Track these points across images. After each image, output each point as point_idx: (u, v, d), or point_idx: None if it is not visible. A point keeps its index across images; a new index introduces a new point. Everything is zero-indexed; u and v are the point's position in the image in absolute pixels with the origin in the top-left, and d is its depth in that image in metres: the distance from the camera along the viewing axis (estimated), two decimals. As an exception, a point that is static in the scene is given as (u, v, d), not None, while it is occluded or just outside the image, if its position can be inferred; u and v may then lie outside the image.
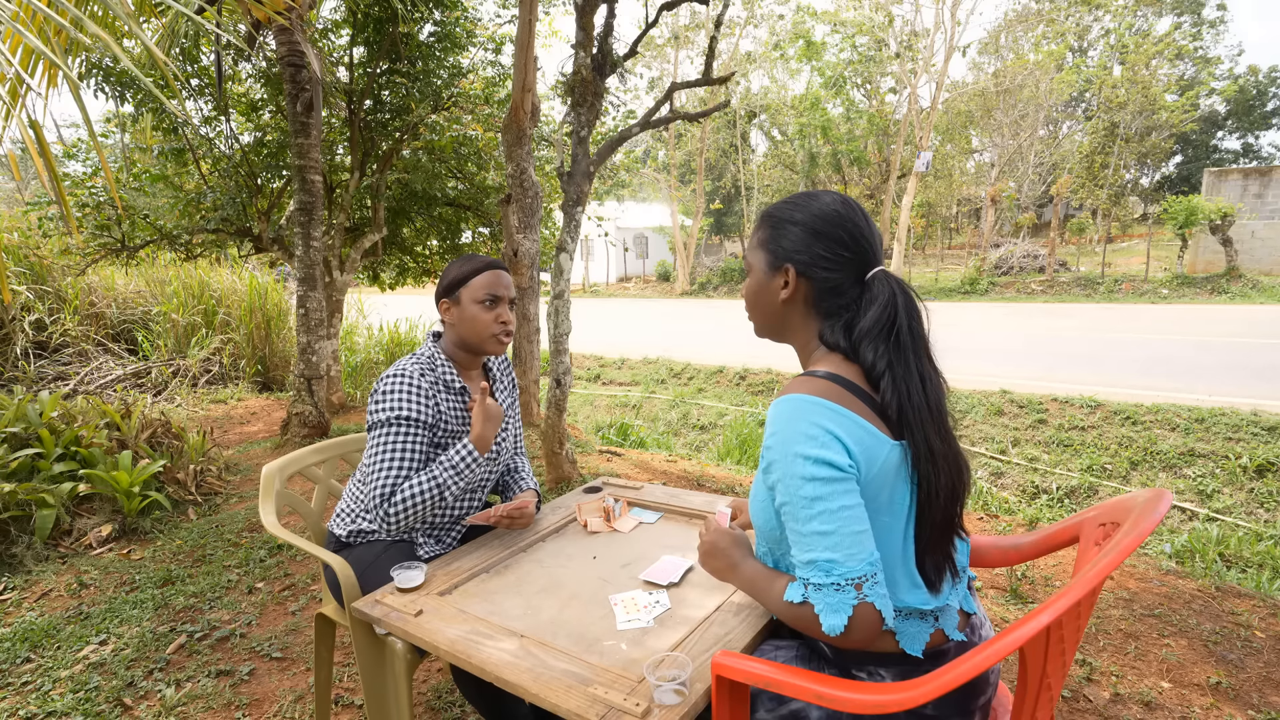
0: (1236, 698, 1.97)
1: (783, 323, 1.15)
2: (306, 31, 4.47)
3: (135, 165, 5.78)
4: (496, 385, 1.77)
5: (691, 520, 1.72)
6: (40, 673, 2.23)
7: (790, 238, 1.10)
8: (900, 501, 1.00)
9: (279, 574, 2.89)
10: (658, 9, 3.98)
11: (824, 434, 0.95)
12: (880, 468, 0.98)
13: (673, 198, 21.90)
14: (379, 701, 1.44)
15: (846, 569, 0.92)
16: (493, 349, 1.64)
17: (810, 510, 0.94)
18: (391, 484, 1.49)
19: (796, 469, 0.96)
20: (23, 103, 2.17)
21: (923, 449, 1.00)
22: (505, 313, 1.63)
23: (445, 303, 1.63)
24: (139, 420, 3.92)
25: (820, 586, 0.94)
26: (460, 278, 1.61)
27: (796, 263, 1.10)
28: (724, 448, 6.06)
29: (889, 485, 0.99)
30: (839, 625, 0.92)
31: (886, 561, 1.00)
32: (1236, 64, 27.33)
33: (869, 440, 0.97)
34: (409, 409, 1.53)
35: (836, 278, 1.09)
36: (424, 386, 1.56)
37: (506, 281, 1.63)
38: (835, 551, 0.93)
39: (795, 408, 0.99)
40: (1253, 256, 14.74)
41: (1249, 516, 4.60)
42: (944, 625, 1.03)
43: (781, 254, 1.11)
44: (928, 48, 17.82)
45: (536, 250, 4.41)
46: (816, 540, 0.94)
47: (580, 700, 1.00)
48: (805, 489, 0.95)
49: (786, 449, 0.97)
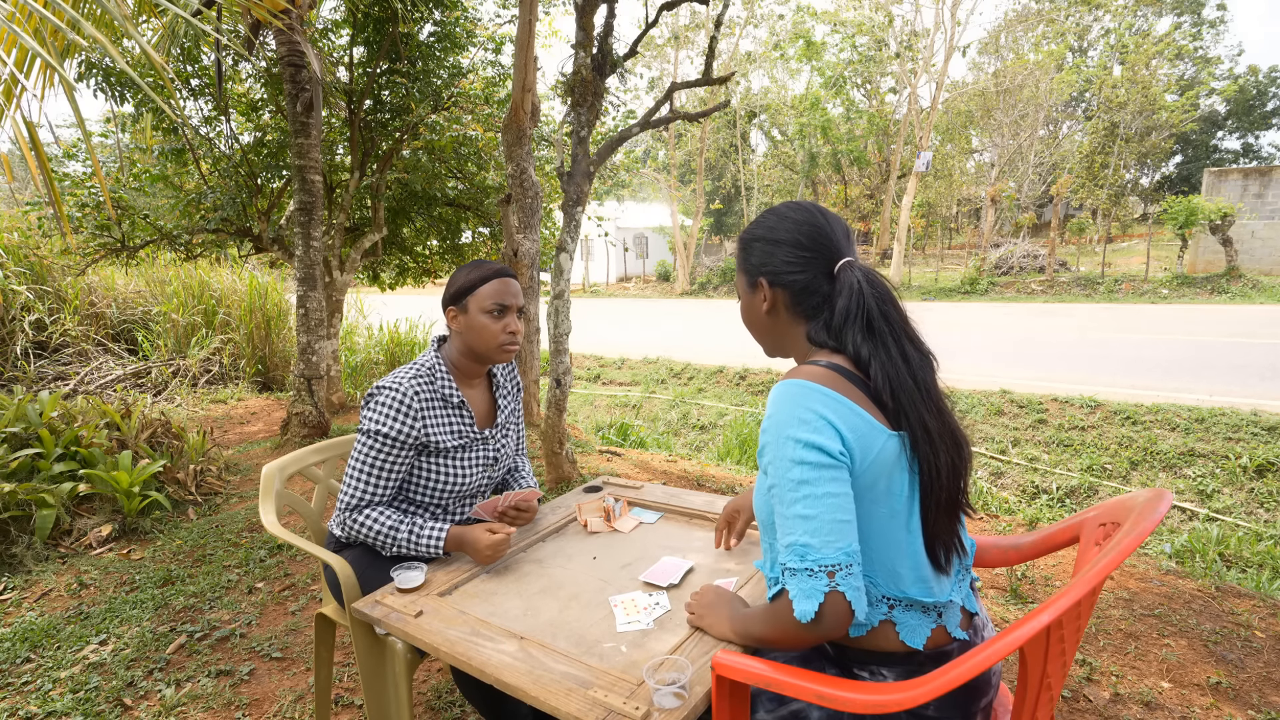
0: (1236, 698, 1.97)
1: (776, 335, 1.19)
2: (306, 31, 4.47)
3: (135, 165, 5.78)
4: (500, 390, 1.75)
5: (692, 520, 1.71)
6: (40, 673, 2.22)
7: (756, 253, 1.16)
8: (899, 492, 1.01)
9: (279, 574, 2.89)
10: (658, 9, 3.98)
11: (818, 419, 0.97)
12: (876, 457, 0.98)
13: (673, 198, 21.89)
14: (379, 701, 1.44)
15: (821, 555, 0.93)
16: (500, 359, 1.62)
17: (796, 493, 0.96)
18: (359, 498, 1.53)
19: (787, 451, 0.97)
20: (18, 103, 2.17)
21: (919, 430, 1.01)
22: (513, 322, 1.60)
23: (452, 310, 1.60)
24: (139, 420, 3.92)
25: (795, 571, 0.95)
26: (468, 285, 1.57)
27: (765, 273, 1.14)
28: (724, 448, 6.06)
29: (886, 474, 0.99)
30: (809, 611, 0.93)
31: (887, 552, 1.01)
32: (1236, 64, 27.34)
33: (865, 429, 0.98)
34: (393, 428, 1.51)
35: (804, 278, 1.11)
36: (415, 406, 1.53)
37: (515, 290, 1.60)
38: (813, 537, 0.94)
39: (792, 392, 1.00)
40: (1253, 256, 14.73)
41: (1249, 516, 4.59)
42: (947, 623, 1.03)
43: (753, 270, 1.16)
44: (928, 48, 17.81)
45: (536, 250, 4.40)
46: (797, 524, 0.95)
47: (580, 703, 1.00)
48: (793, 471, 0.96)
49: (780, 431, 0.99)
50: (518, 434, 1.84)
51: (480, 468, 1.66)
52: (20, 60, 2.47)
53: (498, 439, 1.71)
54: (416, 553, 1.52)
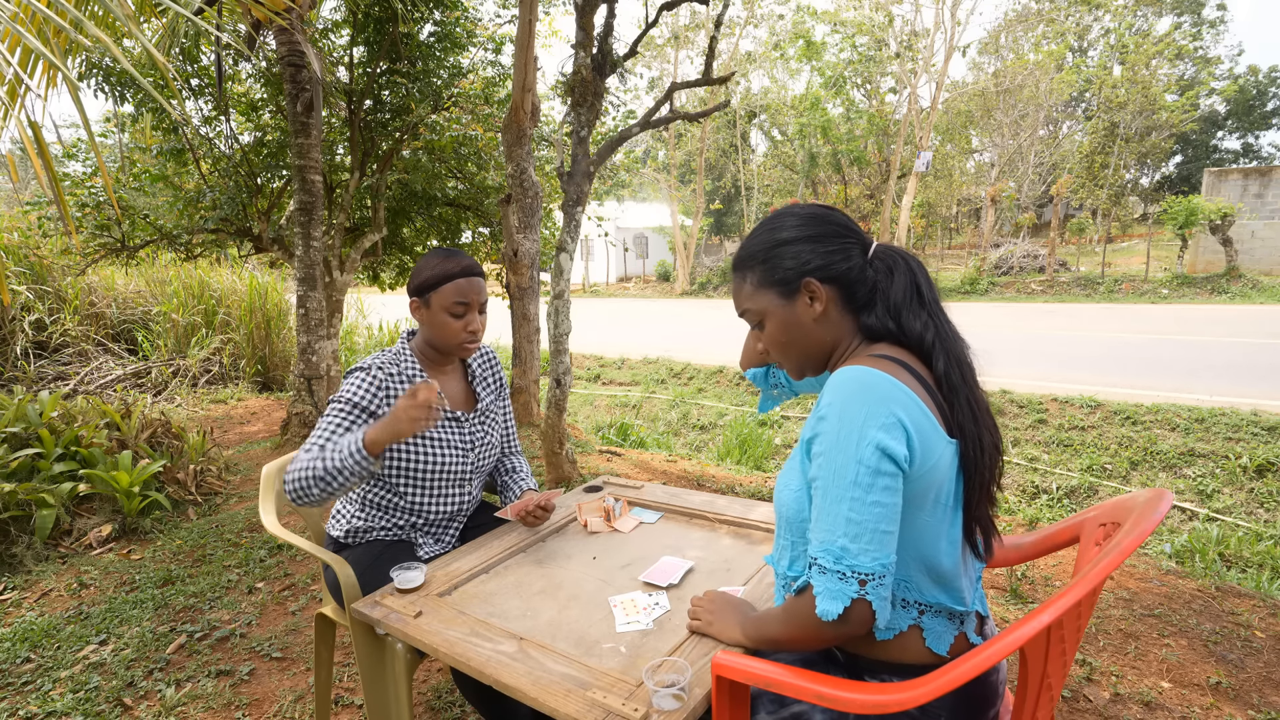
0: (1236, 698, 1.97)
1: (821, 344, 1.08)
2: (306, 31, 4.47)
3: (135, 165, 5.78)
4: (477, 380, 1.76)
5: (692, 520, 1.72)
6: (40, 673, 2.23)
7: (791, 256, 1.06)
8: (945, 501, 0.98)
9: (279, 574, 2.89)
10: (658, 9, 3.98)
11: (892, 419, 0.91)
12: (934, 464, 0.94)
13: (673, 198, 21.88)
14: (379, 702, 1.44)
15: (857, 562, 0.91)
16: (460, 354, 1.66)
17: (849, 492, 0.91)
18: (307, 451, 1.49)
19: (854, 449, 0.91)
20: (21, 103, 2.17)
21: (966, 410, 0.99)
22: (474, 320, 1.62)
23: (415, 301, 1.63)
24: (139, 420, 3.92)
25: (826, 570, 0.92)
26: (431, 281, 1.58)
27: (812, 272, 1.05)
28: (724, 448, 6.06)
29: (937, 484, 0.95)
30: (834, 611, 0.91)
31: (923, 558, 0.98)
32: (1236, 64, 27.32)
33: (929, 431, 0.94)
34: (361, 397, 1.55)
35: (856, 266, 1.05)
36: (380, 379, 1.58)
37: (479, 287, 1.61)
38: (854, 542, 0.91)
39: (867, 382, 0.93)
40: (1253, 256, 14.73)
41: (1249, 516, 4.59)
42: (967, 630, 1.03)
43: (792, 275, 1.05)
44: (928, 48, 17.81)
45: (536, 250, 4.40)
46: (840, 524, 0.92)
47: (579, 704, 1.00)
48: (852, 471, 0.91)
49: (849, 426, 0.92)
50: (505, 427, 1.83)
51: (456, 450, 1.65)
52: (24, 60, 2.47)
53: (474, 424, 1.71)
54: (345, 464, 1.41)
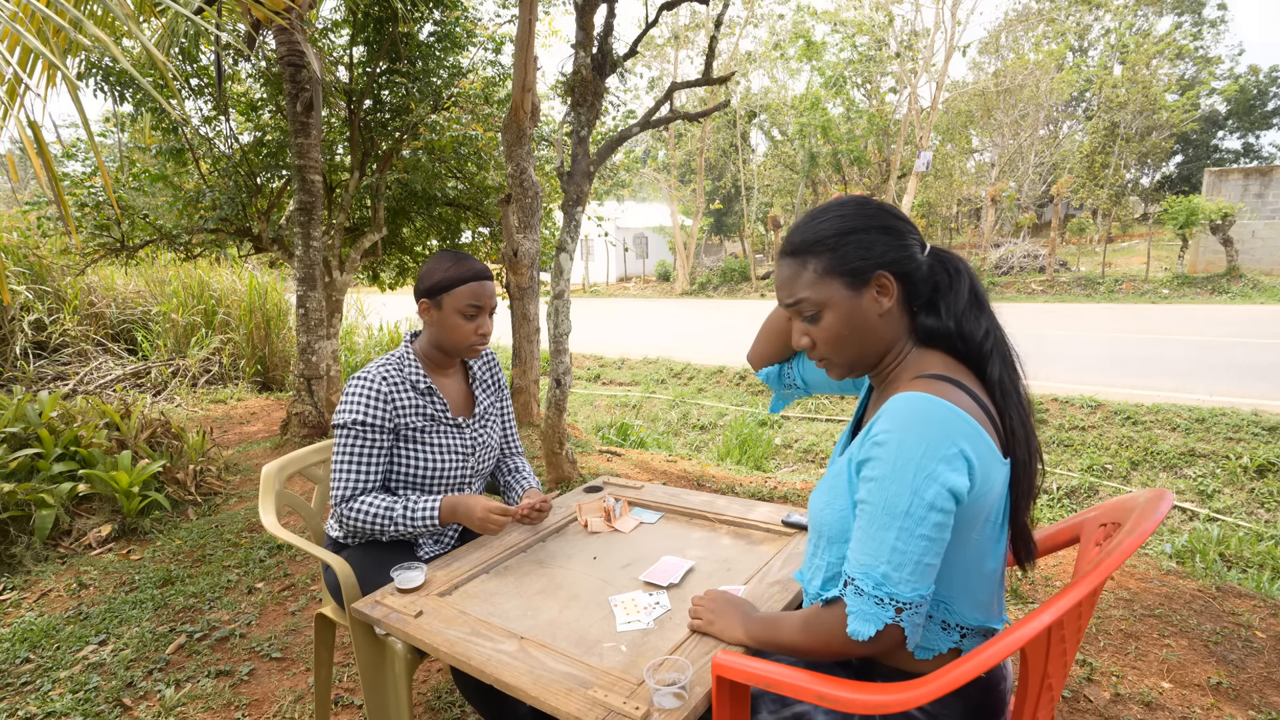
0: (1237, 698, 1.97)
1: (881, 341, 1.03)
2: (306, 31, 4.46)
3: (134, 165, 5.77)
4: (477, 383, 1.77)
5: (692, 520, 1.71)
6: (40, 673, 2.22)
7: (865, 245, 0.99)
8: (995, 519, 0.96)
9: (279, 574, 2.88)
10: (658, 9, 3.97)
11: (955, 451, 0.88)
12: (990, 486, 0.92)
13: (673, 198, 21.88)
14: (379, 702, 1.44)
15: (896, 590, 0.89)
16: (468, 356, 1.66)
17: (899, 521, 0.89)
18: (351, 489, 1.55)
19: (911, 480, 0.88)
20: (21, 102, 2.17)
21: (1016, 419, 0.97)
22: (485, 323, 1.62)
23: (425, 303, 1.61)
24: (138, 420, 3.91)
25: (863, 593, 0.91)
26: (444, 284, 1.57)
27: (889, 264, 0.99)
28: (724, 448, 6.06)
29: (990, 504, 0.94)
30: (865, 633, 0.90)
31: (968, 579, 0.97)
32: (1237, 64, 27.29)
33: (989, 459, 0.91)
34: (366, 415, 1.55)
35: (921, 263, 1.01)
36: (384, 390, 1.57)
37: (491, 290, 1.62)
38: (896, 570, 0.89)
39: (927, 413, 0.89)
40: (1253, 256, 14.73)
41: (1249, 516, 4.59)
42: None
43: (867, 265, 0.99)
44: (928, 47, 17.81)
45: (536, 250, 4.40)
46: (885, 550, 0.89)
47: (580, 703, 1.00)
48: (908, 503, 0.88)
49: (914, 459, 0.88)
50: (504, 429, 1.83)
51: (457, 455, 1.66)
52: (23, 60, 2.47)
53: (474, 429, 1.71)
54: (414, 528, 1.54)
